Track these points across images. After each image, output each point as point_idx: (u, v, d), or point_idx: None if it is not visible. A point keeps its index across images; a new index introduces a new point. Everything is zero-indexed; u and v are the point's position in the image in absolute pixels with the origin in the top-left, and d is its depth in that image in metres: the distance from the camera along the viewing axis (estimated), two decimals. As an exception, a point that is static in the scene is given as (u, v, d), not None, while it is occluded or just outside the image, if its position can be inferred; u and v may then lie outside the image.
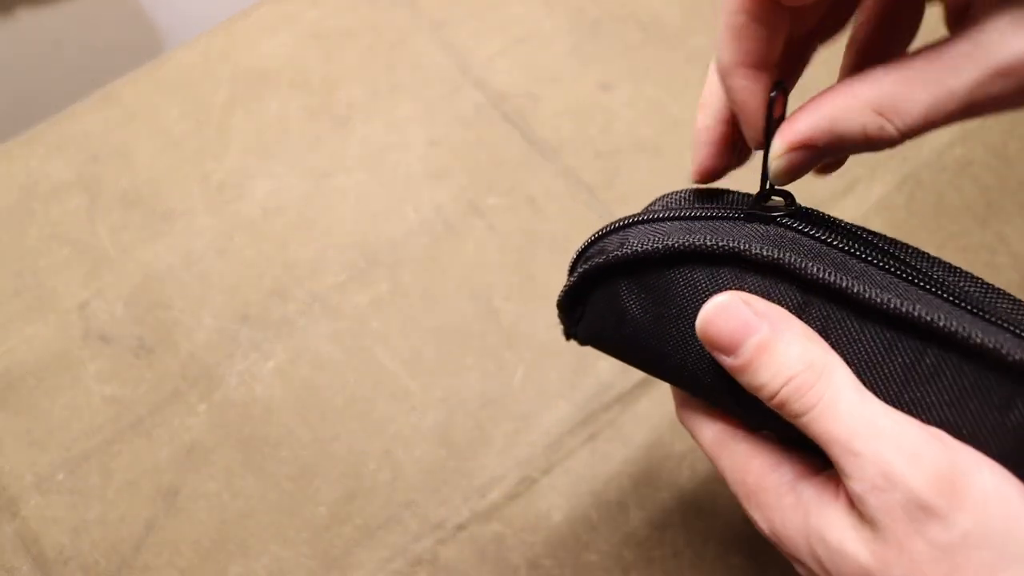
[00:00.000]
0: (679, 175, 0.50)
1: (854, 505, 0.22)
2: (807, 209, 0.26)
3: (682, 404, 0.29)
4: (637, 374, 0.44)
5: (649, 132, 0.52)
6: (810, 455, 0.25)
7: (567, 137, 0.51)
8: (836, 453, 0.22)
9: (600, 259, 0.27)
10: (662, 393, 0.44)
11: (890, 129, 0.22)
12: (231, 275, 0.47)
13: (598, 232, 0.28)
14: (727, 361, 0.24)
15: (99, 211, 0.49)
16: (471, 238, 0.48)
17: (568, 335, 0.31)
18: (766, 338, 0.23)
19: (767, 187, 0.26)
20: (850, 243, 0.25)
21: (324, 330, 0.46)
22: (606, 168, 0.50)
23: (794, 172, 0.25)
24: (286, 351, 0.45)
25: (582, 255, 0.29)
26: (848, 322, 0.23)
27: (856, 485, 0.21)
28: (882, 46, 0.28)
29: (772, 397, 0.23)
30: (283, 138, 0.52)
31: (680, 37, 0.55)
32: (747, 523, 0.41)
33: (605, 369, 0.44)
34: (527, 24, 0.56)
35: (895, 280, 0.24)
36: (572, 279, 0.28)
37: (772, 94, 0.26)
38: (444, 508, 0.41)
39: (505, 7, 0.56)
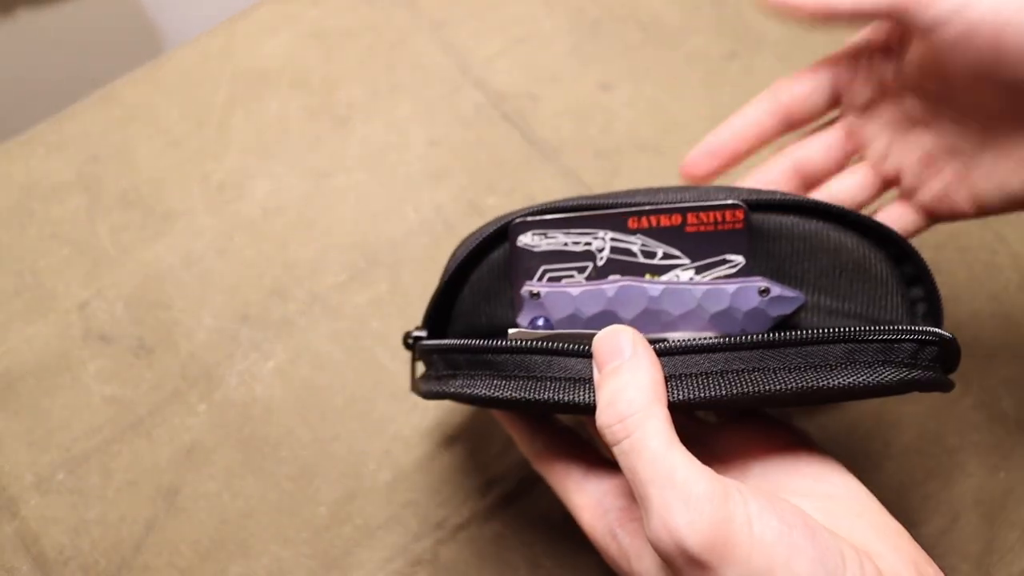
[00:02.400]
0: (679, 175, 0.50)
1: None
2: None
3: (535, 457, 0.32)
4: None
5: (649, 132, 0.52)
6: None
7: (567, 137, 0.51)
8: (636, 493, 0.24)
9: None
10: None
11: None
12: (231, 275, 0.47)
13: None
14: (595, 376, 0.26)
15: (99, 211, 0.49)
16: (471, 238, 0.48)
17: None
18: (620, 365, 0.25)
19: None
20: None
21: (324, 330, 0.46)
22: (606, 168, 0.50)
23: None
24: (286, 351, 0.45)
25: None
26: None
27: (648, 531, 0.23)
28: None
29: (599, 417, 0.25)
30: (283, 138, 0.52)
31: (680, 37, 0.55)
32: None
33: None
34: (527, 24, 0.56)
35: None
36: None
37: None
38: (444, 508, 0.41)
39: (505, 7, 0.56)
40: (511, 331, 0.30)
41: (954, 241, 0.47)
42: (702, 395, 0.26)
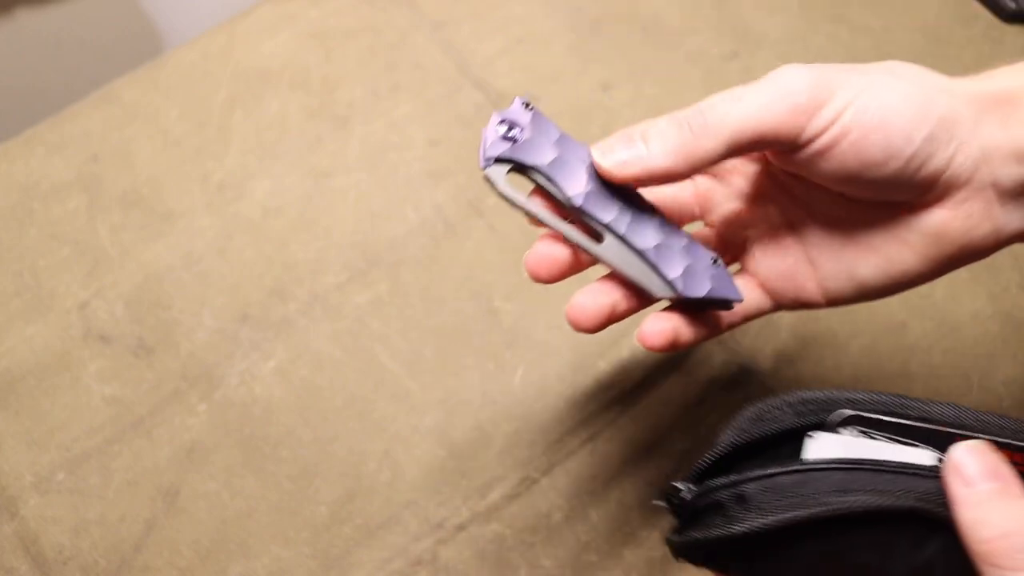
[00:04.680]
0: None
1: None
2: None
3: None
4: (637, 374, 0.44)
5: (649, 132, 0.52)
6: None
7: (567, 137, 0.51)
8: None
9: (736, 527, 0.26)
10: (662, 394, 0.44)
11: None
12: (231, 275, 0.47)
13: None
14: (959, 490, 0.24)
15: (99, 211, 0.49)
16: (471, 238, 0.48)
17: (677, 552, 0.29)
18: (1004, 487, 0.23)
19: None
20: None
21: (324, 330, 0.46)
22: (606, 168, 0.50)
23: None
24: (286, 351, 0.45)
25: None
26: None
27: None
28: None
29: (986, 542, 0.23)
30: (283, 138, 0.52)
31: (680, 37, 0.55)
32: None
33: (605, 369, 0.44)
34: (527, 24, 0.56)
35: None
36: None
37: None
38: (444, 508, 0.41)
39: (505, 7, 0.56)
40: (485, 166, 0.28)
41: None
42: None
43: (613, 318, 0.30)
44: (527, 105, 0.29)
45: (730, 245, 0.33)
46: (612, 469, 0.42)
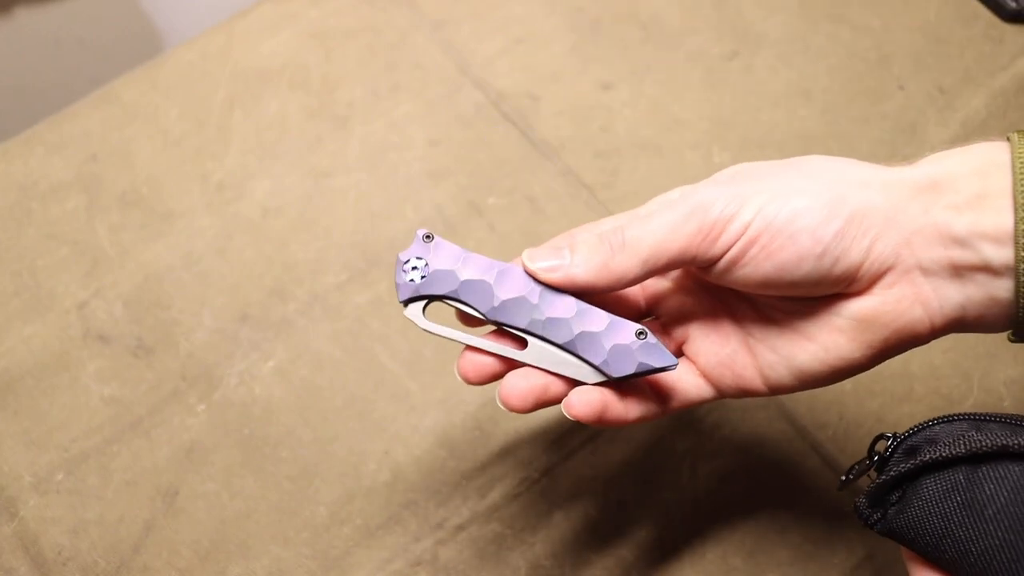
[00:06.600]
0: (679, 175, 0.50)
1: None
2: None
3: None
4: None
5: (649, 132, 0.52)
6: None
7: (567, 137, 0.51)
8: None
9: (947, 450, 0.28)
10: (662, 393, 0.44)
11: None
12: (231, 275, 0.47)
13: (919, 424, 0.30)
14: None
15: (98, 211, 0.49)
16: (471, 238, 0.48)
17: (870, 524, 0.31)
18: None
19: None
20: None
21: (324, 330, 0.46)
22: (606, 168, 0.50)
23: None
24: (286, 351, 0.45)
25: (901, 442, 0.30)
26: None
27: None
28: None
29: None
30: (283, 138, 0.52)
31: (680, 37, 0.55)
32: (747, 524, 0.41)
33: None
34: (527, 24, 0.56)
35: None
36: (904, 467, 0.29)
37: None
38: (444, 508, 0.41)
39: (505, 7, 0.56)
40: (403, 307, 0.30)
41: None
42: None
43: (544, 401, 0.31)
44: (427, 237, 0.31)
45: (674, 336, 0.33)
46: (612, 469, 0.42)
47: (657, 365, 0.30)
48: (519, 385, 0.30)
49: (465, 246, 0.31)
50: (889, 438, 0.30)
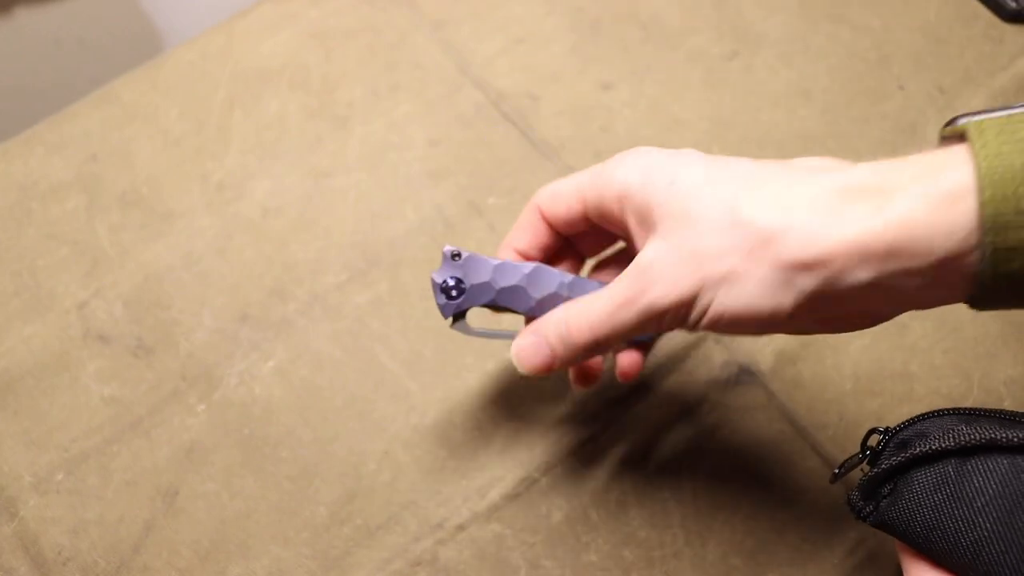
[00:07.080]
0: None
1: None
2: None
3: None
4: (637, 374, 0.44)
5: (649, 132, 0.51)
6: None
7: (567, 137, 0.51)
8: None
9: (936, 444, 0.28)
10: (662, 394, 0.44)
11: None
12: (231, 275, 0.47)
13: (908, 420, 0.31)
14: None
15: (98, 211, 0.49)
16: (471, 238, 0.48)
17: (862, 516, 0.31)
18: None
19: None
20: None
21: (324, 330, 0.46)
22: (606, 168, 0.50)
23: None
24: (286, 351, 0.45)
25: (893, 436, 0.31)
26: None
27: None
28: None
29: None
30: (283, 138, 0.52)
31: (680, 37, 0.55)
32: (747, 524, 0.41)
33: (605, 370, 0.44)
34: (527, 24, 0.56)
35: None
36: (896, 460, 0.29)
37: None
38: (444, 508, 0.41)
39: (505, 7, 0.56)
40: (449, 323, 0.33)
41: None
42: None
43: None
44: (456, 255, 0.33)
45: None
46: (612, 469, 0.42)
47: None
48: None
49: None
50: (881, 432, 0.31)
